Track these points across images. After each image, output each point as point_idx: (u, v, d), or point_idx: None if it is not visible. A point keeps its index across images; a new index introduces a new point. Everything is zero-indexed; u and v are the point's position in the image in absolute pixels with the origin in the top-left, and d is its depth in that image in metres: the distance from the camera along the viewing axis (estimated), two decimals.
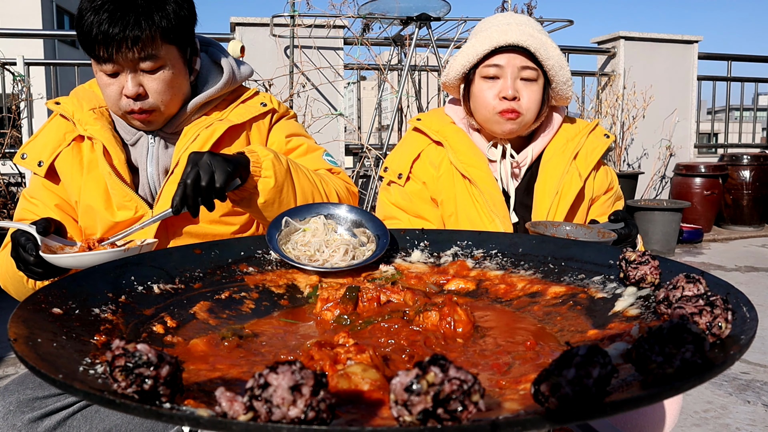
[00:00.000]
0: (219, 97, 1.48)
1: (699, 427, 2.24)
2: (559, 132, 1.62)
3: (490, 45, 1.49)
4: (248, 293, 1.05)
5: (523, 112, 1.50)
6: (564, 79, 1.54)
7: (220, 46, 1.56)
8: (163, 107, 1.35)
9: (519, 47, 1.48)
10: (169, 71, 1.32)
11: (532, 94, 1.51)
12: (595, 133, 1.63)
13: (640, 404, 0.51)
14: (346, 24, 5.01)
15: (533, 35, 1.49)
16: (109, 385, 0.57)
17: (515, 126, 1.52)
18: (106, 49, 1.24)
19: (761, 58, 6.99)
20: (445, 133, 1.62)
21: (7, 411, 1.16)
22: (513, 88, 1.49)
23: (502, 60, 1.50)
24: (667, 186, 6.50)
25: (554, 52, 1.51)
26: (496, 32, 1.50)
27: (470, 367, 0.77)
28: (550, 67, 1.51)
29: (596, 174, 1.62)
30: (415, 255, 1.20)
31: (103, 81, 1.31)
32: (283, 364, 0.50)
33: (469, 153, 1.58)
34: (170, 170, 1.39)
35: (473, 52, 1.53)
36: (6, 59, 4.69)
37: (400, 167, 1.64)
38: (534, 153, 1.60)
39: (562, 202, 1.53)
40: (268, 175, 1.23)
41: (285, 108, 1.58)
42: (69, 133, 1.41)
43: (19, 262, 1.15)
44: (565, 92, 1.57)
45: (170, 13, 1.29)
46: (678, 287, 0.77)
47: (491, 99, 1.51)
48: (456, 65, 1.58)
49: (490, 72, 1.51)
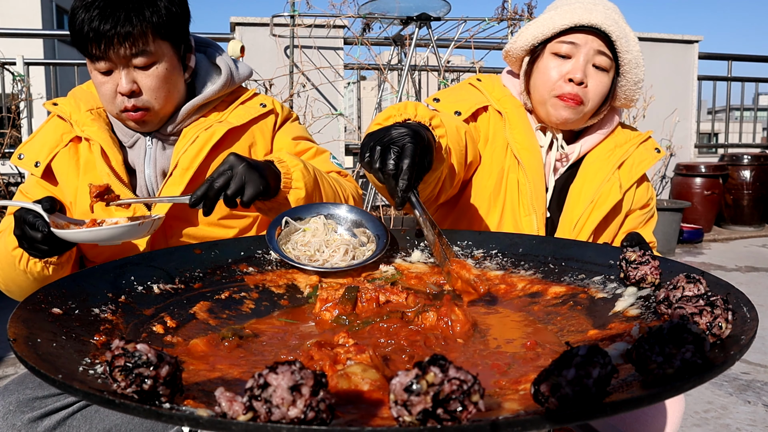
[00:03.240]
0: (217, 98, 1.47)
1: (699, 428, 2.24)
2: (612, 135, 1.51)
3: (571, 21, 1.38)
4: (248, 293, 1.05)
5: (586, 101, 1.39)
6: (636, 79, 1.43)
7: (218, 47, 1.54)
8: (157, 105, 1.34)
9: (600, 31, 1.37)
10: (163, 67, 1.32)
11: (599, 85, 1.39)
12: (645, 145, 1.52)
13: (640, 404, 0.51)
14: (346, 24, 5.01)
15: (618, 22, 1.38)
16: (108, 385, 0.57)
17: (572, 115, 1.40)
18: (98, 46, 1.25)
19: (761, 58, 6.99)
20: (506, 104, 1.49)
21: (7, 411, 1.16)
22: (583, 71, 1.37)
23: (580, 39, 1.38)
24: (668, 186, 6.50)
25: (634, 47, 1.40)
26: (580, 9, 1.38)
27: (470, 367, 0.77)
28: (627, 61, 1.40)
29: (637, 188, 1.50)
30: (415, 255, 1.20)
31: (98, 80, 1.31)
32: (283, 364, 0.50)
33: (526, 134, 1.45)
34: (169, 172, 1.39)
35: (551, 25, 1.40)
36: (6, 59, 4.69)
37: (459, 106, 1.44)
38: (583, 150, 1.49)
39: (595, 212, 1.43)
40: (298, 186, 1.25)
41: (287, 110, 1.57)
42: (66, 134, 1.41)
43: (23, 240, 1.16)
44: (633, 93, 1.46)
45: (161, 8, 1.29)
46: (678, 287, 0.77)
47: (556, 78, 1.39)
48: (526, 35, 1.45)
49: (563, 50, 1.39)
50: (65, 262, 1.28)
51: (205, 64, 1.48)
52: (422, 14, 4.37)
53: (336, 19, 4.87)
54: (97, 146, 1.36)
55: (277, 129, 1.52)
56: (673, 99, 6.27)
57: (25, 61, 4.69)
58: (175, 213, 1.36)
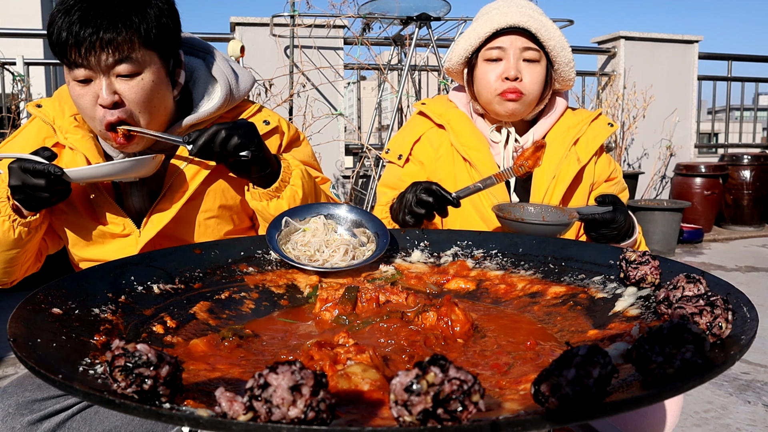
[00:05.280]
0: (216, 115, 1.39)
1: (699, 428, 2.24)
2: (561, 120, 1.64)
3: (491, 27, 1.51)
4: (248, 293, 1.05)
5: (526, 92, 1.51)
6: (566, 60, 1.55)
7: (216, 55, 1.44)
8: (142, 119, 1.24)
9: (520, 29, 1.50)
10: (149, 78, 1.22)
11: (534, 75, 1.52)
12: (597, 122, 1.64)
13: (641, 404, 0.51)
14: (346, 24, 5.01)
15: (533, 17, 1.51)
16: (108, 386, 0.57)
17: (518, 106, 1.53)
18: (78, 51, 1.15)
19: (761, 58, 6.98)
20: (448, 116, 1.65)
21: (6, 413, 1.15)
22: (515, 68, 1.50)
23: (504, 42, 1.52)
24: (668, 186, 6.50)
25: (555, 33, 1.53)
26: (496, 14, 1.52)
27: (470, 367, 0.77)
28: (552, 47, 1.52)
29: (597, 160, 1.62)
30: (415, 255, 1.20)
31: (76, 91, 1.21)
32: (283, 364, 0.50)
33: (471, 136, 1.60)
34: (162, 192, 1.33)
35: (475, 36, 1.54)
36: (6, 59, 4.68)
37: (400, 148, 1.66)
38: (536, 136, 1.61)
39: (558, 186, 1.54)
40: (296, 184, 1.27)
41: (294, 130, 1.50)
42: (49, 138, 1.33)
43: (22, 190, 1.16)
44: (568, 74, 1.59)
45: (151, 17, 1.20)
46: (678, 287, 0.77)
47: (493, 80, 1.52)
48: (458, 50, 1.59)
49: (493, 54, 1.53)
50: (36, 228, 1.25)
51: (203, 72, 1.40)
52: (422, 14, 4.37)
53: (336, 19, 4.87)
54: (81, 156, 1.29)
55: (282, 150, 1.46)
56: (673, 99, 6.27)
57: (25, 61, 4.68)
58: (166, 232, 1.33)
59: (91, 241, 1.34)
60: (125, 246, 1.32)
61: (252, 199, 1.30)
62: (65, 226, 1.35)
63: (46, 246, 1.41)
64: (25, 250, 1.28)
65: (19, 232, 1.23)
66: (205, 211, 1.36)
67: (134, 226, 1.32)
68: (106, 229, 1.32)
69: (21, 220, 1.22)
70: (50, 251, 1.44)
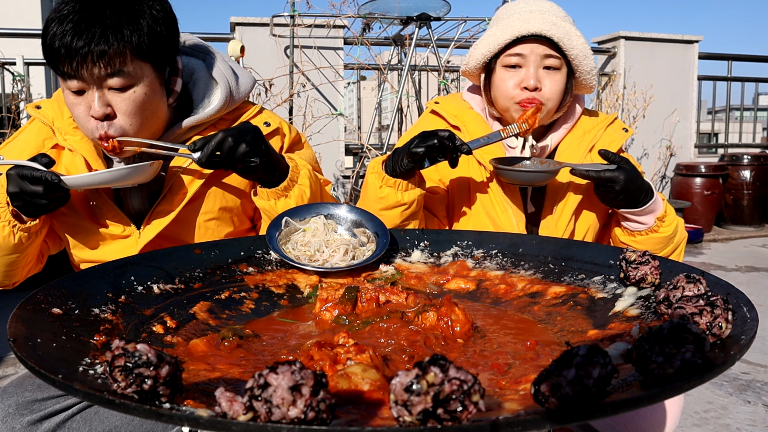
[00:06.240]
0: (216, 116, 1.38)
1: (699, 428, 2.24)
2: (578, 124, 1.59)
3: (511, 34, 1.45)
4: (248, 293, 1.05)
5: (545, 101, 1.46)
6: (588, 69, 1.50)
7: (216, 56, 1.42)
8: (131, 131, 1.22)
9: (542, 36, 1.44)
10: (141, 91, 1.20)
11: (555, 84, 1.46)
12: (613, 127, 1.60)
13: (641, 404, 0.51)
14: (346, 24, 5.01)
15: (557, 23, 1.45)
16: (108, 386, 0.57)
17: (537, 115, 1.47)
18: (69, 63, 1.14)
19: (761, 58, 6.98)
20: (464, 117, 1.58)
21: (6, 414, 1.15)
22: (535, 77, 1.45)
23: (525, 49, 1.45)
24: (668, 186, 6.50)
25: (578, 41, 1.47)
26: (517, 20, 1.46)
27: (470, 367, 0.77)
28: (574, 56, 1.46)
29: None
30: (415, 255, 1.20)
31: (70, 100, 1.20)
32: (283, 364, 0.50)
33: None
34: (162, 195, 1.32)
35: (494, 42, 1.48)
36: (6, 59, 4.68)
37: None
38: (553, 142, 1.57)
39: (572, 195, 1.50)
40: (303, 184, 1.27)
41: (295, 132, 1.49)
42: (48, 139, 1.33)
43: (20, 197, 1.15)
44: (589, 81, 1.54)
45: (144, 28, 1.18)
46: (678, 287, 0.77)
47: (512, 89, 1.47)
48: (476, 54, 1.53)
49: (512, 61, 1.47)
50: (36, 233, 1.25)
51: (203, 73, 1.39)
52: (422, 14, 4.37)
53: (336, 19, 4.87)
54: (81, 158, 1.29)
55: (284, 152, 1.44)
56: (673, 99, 6.27)
57: (25, 61, 4.68)
58: (166, 234, 1.32)
59: (91, 243, 1.34)
60: (125, 247, 1.32)
61: (259, 198, 1.29)
62: (65, 228, 1.35)
63: (47, 247, 1.41)
64: (25, 254, 1.28)
65: (19, 237, 1.23)
66: (205, 213, 1.35)
67: (134, 227, 1.32)
68: (106, 231, 1.32)
69: (21, 225, 1.22)
70: (51, 252, 1.44)
